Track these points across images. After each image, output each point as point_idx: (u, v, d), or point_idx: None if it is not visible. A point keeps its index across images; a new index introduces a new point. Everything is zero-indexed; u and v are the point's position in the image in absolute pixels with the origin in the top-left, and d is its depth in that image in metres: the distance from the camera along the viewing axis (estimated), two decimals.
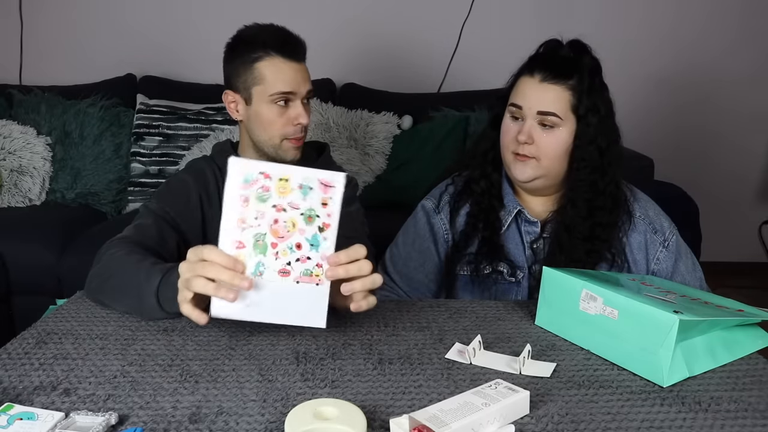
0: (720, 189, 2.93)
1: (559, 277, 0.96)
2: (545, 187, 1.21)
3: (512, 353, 0.88)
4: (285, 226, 0.83)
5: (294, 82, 1.26)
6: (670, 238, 1.21)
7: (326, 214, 0.84)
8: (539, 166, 1.16)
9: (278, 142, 1.29)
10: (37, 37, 2.76)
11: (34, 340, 0.90)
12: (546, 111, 1.12)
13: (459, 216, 1.26)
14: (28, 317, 1.03)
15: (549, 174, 1.17)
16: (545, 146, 1.14)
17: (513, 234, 1.23)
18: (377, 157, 2.43)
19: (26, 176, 2.36)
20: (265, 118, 1.28)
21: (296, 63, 1.27)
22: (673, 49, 2.83)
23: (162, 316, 0.96)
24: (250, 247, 0.83)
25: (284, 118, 1.27)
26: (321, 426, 0.64)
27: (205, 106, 2.49)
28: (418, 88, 2.70)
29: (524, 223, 1.22)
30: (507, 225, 1.22)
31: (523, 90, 1.15)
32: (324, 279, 0.84)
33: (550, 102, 1.12)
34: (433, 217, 1.28)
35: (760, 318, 0.92)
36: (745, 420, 0.73)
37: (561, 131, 1.14)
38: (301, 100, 1.29)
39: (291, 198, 0.83)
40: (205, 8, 2.74)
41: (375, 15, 2.77)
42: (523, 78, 1.16)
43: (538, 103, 1.13)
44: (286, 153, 1.30)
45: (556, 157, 1.15)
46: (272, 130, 1.28)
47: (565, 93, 1.12)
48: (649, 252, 1.20)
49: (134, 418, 0.71)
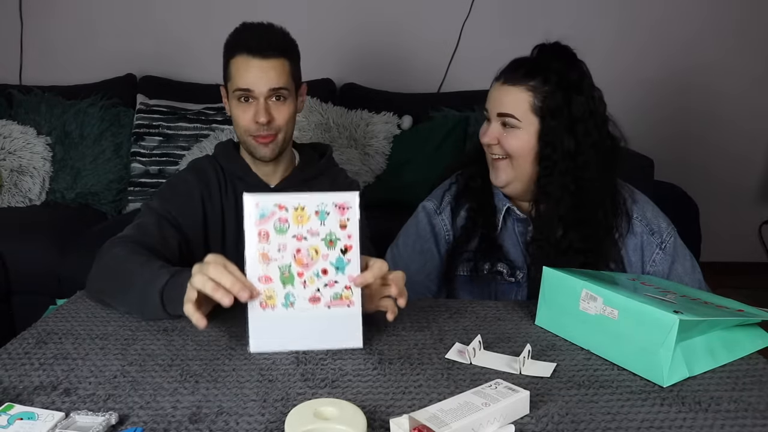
0: (720, 189, 2.93)
1: (559, 277, 0.96)
2: (525, 192, 1.20)
3: (512, 353, 0.88)
4: (308, 254, 0.85)
5: (253, 79, 1.24)
6: (667, 240, 1.20)
7: (346, 235, 0.86)
8: (511, 166, 1.16)
9: (245, 137, 1.29)
10: (37, 37, 2.76)
11: (34, 340, 0.90)
12: (504, 113, 1.14)
13: (460, 215, 1.26)
14: (28, 317, 1.03)
15: (522, 176, 1.17)
16: (509, 146, 1.15)
17: (509, 234, 1.23)
18: (377, 157, 2.43)
19: (26, 176, 2.36)
20: (234, 114, 1.30)
21: (262, 59, 1.24)
22: (673, 49, 2.82)
23: (163, 317, 0.97)
24: (277, 280, 0.85)
25: (246, 114, 1.27)
26: (321, 426, 0.64)
27: (205, 106, 2.49)
28: (418, 88, 2.70)
29: (516, 222, 1.23)
30: (501, 223, 1.22)
31: (490, 94, 1.18)
32: (354, 300, 0.86)
33: (508, 103, 1.14)
34: (434, 218, 1.28)
35: (760, 318, 0.92)
36: (745, 420, 0.73)
37: (522, 132, 1.14)
38: (267, 98, 1.26)
39: (309, 225, 0.85)
40: (206, 8, 2.74)
41: (375, 15, 2.77)
42: (493, 82, 1.19)
43: (499, 105, 1.15)
44: (255, 150, 1.30)
45: (521, 156, 1.15)
46: (238, 126, 1.30)
47: (523, 94, 1.13)
48: (645, 254, 1.20)
49: (134, 418, 0.71)
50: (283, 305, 0.86)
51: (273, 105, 1.27)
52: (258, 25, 1.31)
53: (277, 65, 1.26)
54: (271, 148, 1.29)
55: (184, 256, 1.23)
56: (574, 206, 1.15)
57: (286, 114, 1.29)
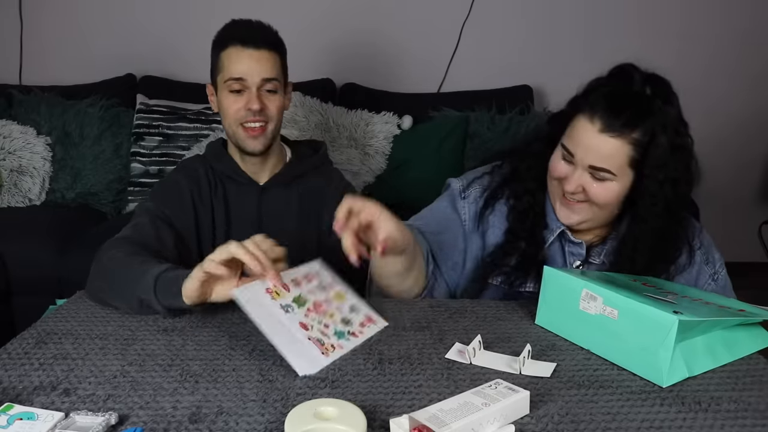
0: (720, 189, 2.92)
1: (559, 277, 0.96)
2: (592, 228, 1.15)
3: (512, 353, 0.88)
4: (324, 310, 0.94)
5: (246, 68, 1.27)
6: (720, 272, 1.17)
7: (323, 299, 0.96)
8: (590, 210, 1.08)
9: (235, 129, 1.31)
10: (37, 37, 2.76)
11: (34, 340, 0.90)
12: (599, 167, 1.02)
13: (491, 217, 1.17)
14: (28, 317, 1.03)
15: (599, 219, 1.11)
16: (595, 196, 1.06)
17: (555, 253, 1.17)
18: (377, 157, 2.43)
19: (26, 176, 2.36)
20: (224, 104, 1.31)
21: (253, 50, 1.27)
22: (673, 49, 2.82)
23: (156, 308, 0.96)
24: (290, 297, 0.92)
25: (238, 104, 1.28)
26: (321, 426, 0.64)
27: (205, 106, 2.49)
28: (418, 88, 2.70)
29: (567, 244, 1.16)
30: (549, 243, 1.15)
31: (578, 137, 1.03)
32: (331, 355, 0.87)
33: (606, 157, 1.02)
34: (457, 200, 1.20)
35: (761, 318, 0.92)
36: (745, 420, 0.73)
37: (614, 184, 1.04)
38: (258, 88, 1.28)
39: (302, 291, 0.94)
40: (206, 8, 2.74)
41: (375, 15, 2.77)
42: (581, 120, 1.03)
43: (594, 158, 1.02)
44: (244, 143, 1.31)
45: (606, 205, 1.07)
46: (229, 116, 1.30)
47: (626, 147, 1.01)
48: (698, 282, 1.15)
49: (134, 418, 0.71)
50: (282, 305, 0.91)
51: (264, 95, 1.29)
52: (248, 21, 1.33)
53: (270, 57, 1.29)
54: (261, 141, 1.30)
55: (182, 254, 1.24)
56: (652, 248, 1.08)
57: (277, 104, 1.31)
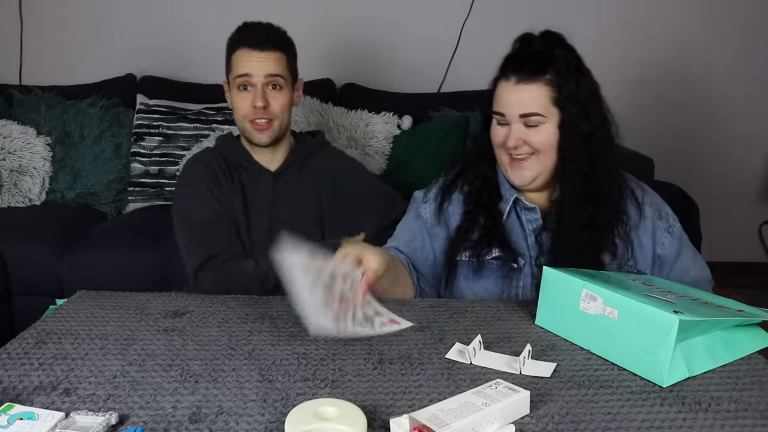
0: (720, 189, 2.92)
1: (559, 277, 0.96)
2: (542, 184, 1.21)
3: (512, 353, 0.88)
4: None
5: (251, 66, 1.38)
6: (674, 225, 1.23)
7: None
8: (537, 161, 1.17)
9: (244, 123, 1.43)
10: (37, 37, 2.76)
11: (34, 340, 0.90)
12: (528, 113, 1.13)
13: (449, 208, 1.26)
14: (28, 317, 1.03)
15: (546, 168, 1.18)
16: (536, 143, 1.15)
17: (513, 223, 1.23)
18: (377, 157, 2.43)
19: (26, 176, 2.36)
20: (234, 101, 1.43)
21: (258, 51, 1.38)
22: (674, 49, 2.82)
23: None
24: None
25: (245, 101, 1.40)
26: (321, 426, 0.64)
27: (205, 106, 2.49)
28: (418, 88, 2.70)
29: (523, 211, 1.23)
30: (507, 214, 1.22)
31: (501, 96, 1.15)
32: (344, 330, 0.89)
33: (530, 102, 1.13)
34: (420, 207, 1.30)
35: (761, 318, 0.92)
36: (745, 420, 0.73)
37: (548, 126, 1.14)
38: (263, 85, 1.39)
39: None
40: (206, 8, 2.74)
41: (375, 15, 2.77)
42: (501, 83, 1.16)
43: (519, 106, 1.13)
44: (251, 135, 1.43)
45: (547, 149, 1.16)
46: (238, 112, 1.43)
47: (543, 89, 1.13)
48: (655, 236, 1.22)
49: (134, 418, 0.71)
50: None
51: (270, 93, 1.40)
52: (258, 24, 1.43)
53: (274, 56, 1.40)
54: (267, 135, 1.43)
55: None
56: (586, 186, 1.16)
57: (282, 102, 1.42)
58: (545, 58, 1.13)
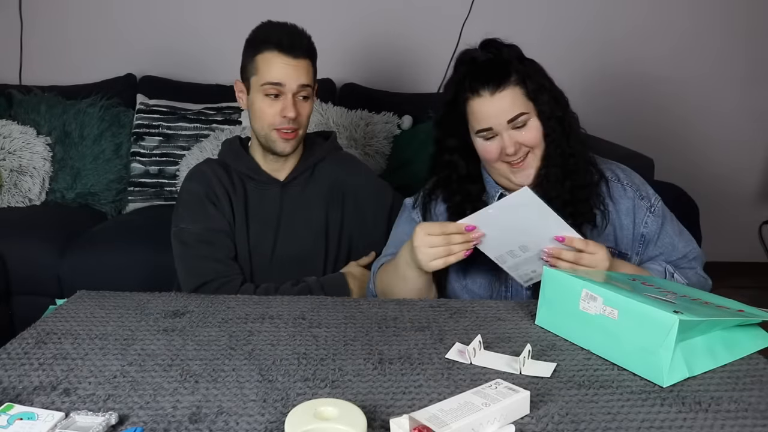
0: (720, 189, 2.92)
1: (559, 277, 0.96)
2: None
3: (512, 353, 0.88)
4: None
5: (284, 74, 1.30)
6: (655, 204, 1.26)
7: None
8: (534, 157, 1.20)
9: (268, 132, 1.34)
10: (37, 37, 2.76)
11: (34, 340, 0.90)
12: (514, 116, 1.16)
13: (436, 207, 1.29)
14: (28, 317, 1.03)
15: (540, 161, 1.21)
16: (531, 140, 1.18)
17: None
18: (377, 157, 2.43)
19: (26, 176, 2.36)
20: (257, 107, 1.34)
21: (291, 58, 1.31)
22: (672, 49, 2.82)
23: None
24: None
25: (273, 109, 1.32)
26: (321, 426, 0.64)
27: (205, 106, 2.49)
28: (418, 88, 2.70)
29: None
30: None
31: (482, 111, 1.16)
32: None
33: (511, 106, 1.15)
34: (411, 213, 1.32)
35: (761, 318, 0.92)
36: (745, 420, 0.73)
37: (532, 120, 1.18)
38: (294, 95, 1.32)
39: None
40: (206, 9, 2.74)
41: (375, 15, 2.77)
42: (474, 101, 1.17)
43: (504, 114, 1.16)
44: (274, 144, 1.35)
45: (539, 142, 1.20)
46: (263, 120, 1.34)
47: (515, 89, 1.16)
48: (636, 217, 1.24)
49: (134, 418, 0.71)
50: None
51: (299, 102, 1.33)
52: (284, 24, 1.35)
53: (306, 65, 1.33)
54: (292, 144, 1.36)
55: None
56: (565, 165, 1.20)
57: (308, 111, 1.37)
58: (502, 63, 1.17)
